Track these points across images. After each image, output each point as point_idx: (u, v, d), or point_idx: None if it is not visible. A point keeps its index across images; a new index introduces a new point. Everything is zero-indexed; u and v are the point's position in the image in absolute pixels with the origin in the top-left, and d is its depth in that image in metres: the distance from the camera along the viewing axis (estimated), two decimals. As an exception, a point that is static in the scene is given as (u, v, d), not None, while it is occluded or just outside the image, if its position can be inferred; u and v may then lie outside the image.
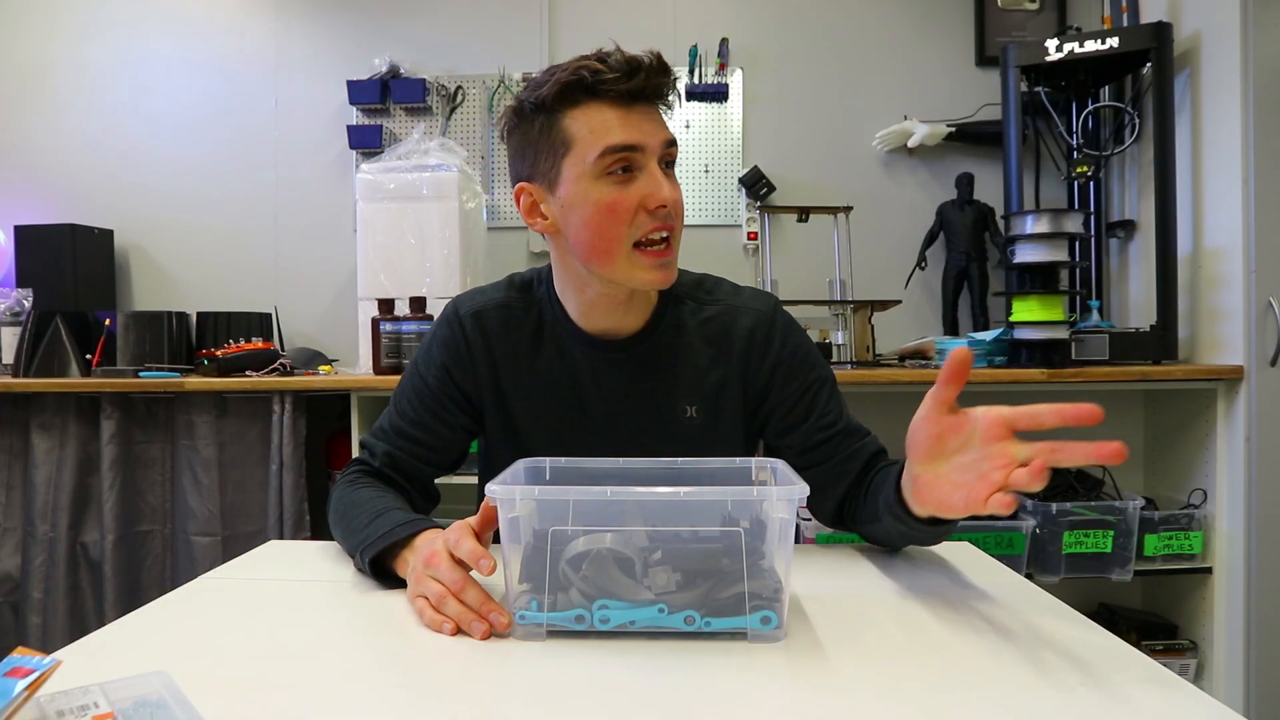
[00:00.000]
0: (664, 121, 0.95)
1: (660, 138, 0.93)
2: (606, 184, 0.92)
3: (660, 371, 1.04)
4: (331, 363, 2.36)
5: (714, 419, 1.05)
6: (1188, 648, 2.15)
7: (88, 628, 1.82)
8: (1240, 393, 1.99)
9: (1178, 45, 2.14)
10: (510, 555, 0.74)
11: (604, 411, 1.05)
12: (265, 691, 0.64)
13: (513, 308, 1.06)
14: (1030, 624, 0.78)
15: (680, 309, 1.06)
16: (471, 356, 1.05)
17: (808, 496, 0.71)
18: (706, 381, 1.04)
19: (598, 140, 0.91)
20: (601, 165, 0.91)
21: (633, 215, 0.92)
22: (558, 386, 1.05)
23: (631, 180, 0.92)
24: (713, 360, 1.05)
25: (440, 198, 2.23)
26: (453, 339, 1.06)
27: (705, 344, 1.05)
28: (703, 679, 0.66)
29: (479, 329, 1.05)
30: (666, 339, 1.04)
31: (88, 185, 2.70)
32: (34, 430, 2.18)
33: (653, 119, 0.93)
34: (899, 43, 2.59)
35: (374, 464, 1.06)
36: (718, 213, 2.59)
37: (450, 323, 1.06)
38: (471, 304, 1.06)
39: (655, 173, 0.92)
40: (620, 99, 0.91)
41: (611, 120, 0.91)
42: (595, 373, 1.04)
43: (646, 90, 0.91)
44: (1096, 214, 2.38)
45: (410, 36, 2.64)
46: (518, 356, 1.05)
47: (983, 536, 2.00)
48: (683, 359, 1.04)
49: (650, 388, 1.04)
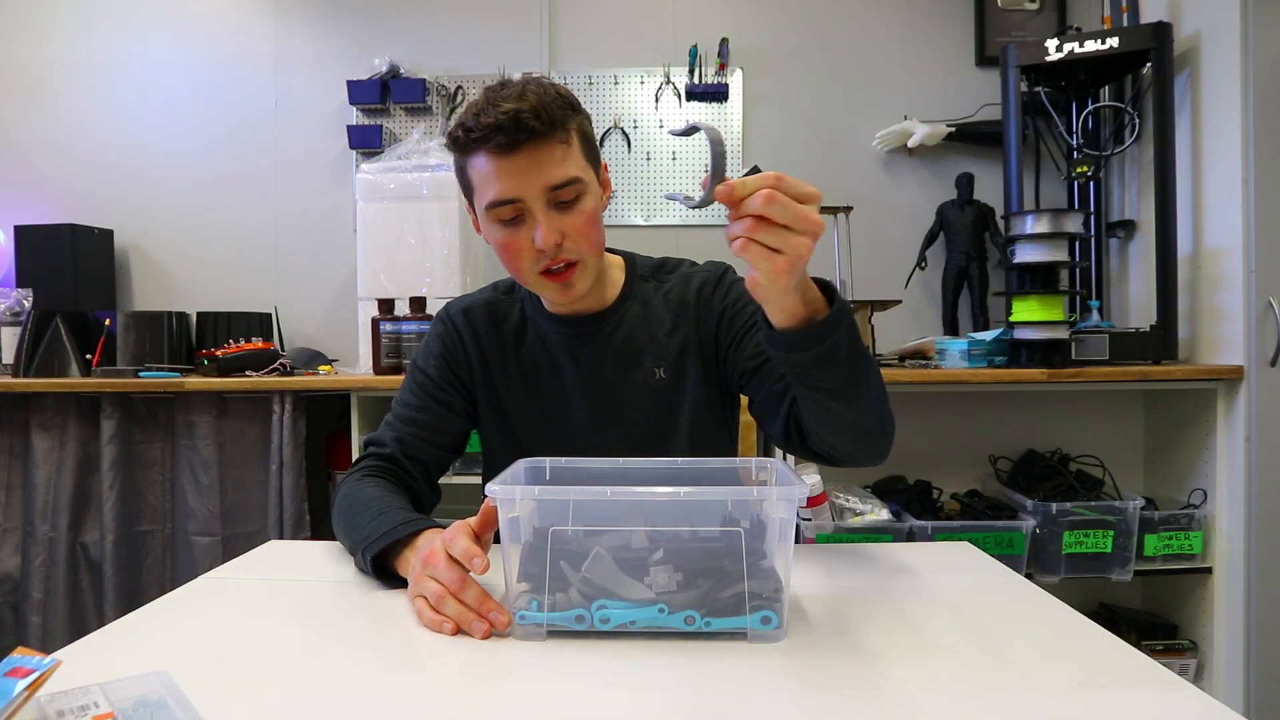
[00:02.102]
0: (554, 159, 0.97)
1: (541, 184, 0.97)
2: (500, 229, 1.01)
3: (629, 341, 1.13)
4: (331, 363, 2.36)
5: (680, 377, 1.13)
6: (1188, 648, 2.15)
7: (88, 628, 1.82)
8: (1240, 393, 1.99)
9: (1178, 45, 2.14)
10: (510, 555, 0.74)
11: (581, 383, 1.13)
12: (265, 691, 0.64)
13: (497, 305, 1.18)
14: (1030, 624, 0.78)
15: (644, 287, 1.17)
16: (464, 347, 1.15)
17: (805, 490, 0.71)
18: (670, 345, 1.13)
19: (483, 193, 1.00)
20: (491, 215, 1.00)
21: (526, 253, 1.01)
22: (540, 369, 1.14)
23: (521, 224, 0.99)
24: (673, 325, 1.14)
25: (440, 198, 2.23)
26: (447, 334, 1.16)
27: (667, 312, 1.14)
28: (703, 679, 0.66)
29: (468, 323, 1.16)
30: (633, 313, 1.14)
31: (88, 185, 2.69)
32: (34, 430, 2.18)
33: (535, 164, 0.96)
34: (899, 43, 2.59)
35: (384, 450, 1.10)
36: (718, 212, 2.58)
37: (444, 321, 1.18)
38: (458, 305, 1.19)
39: (539, 217, 0.98)
40: (500, 150, 0.96)
41: (492, 174, 0.97)
42: (572, 350, 1.13)
43: (516, 143, 0.95)
44: (1096, 214, 2.38)
45: (410, 36, 2.64)
46: (504, 346, 1.15)
47: (983, 536, 2.00)
48: (647, 328, 1.14)
49: (622, 357, 1.13)
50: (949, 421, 2.40)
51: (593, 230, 1.03)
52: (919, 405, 2.37)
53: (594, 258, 1.05)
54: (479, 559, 0.76)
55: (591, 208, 1.02)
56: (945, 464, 2.35)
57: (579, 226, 1.01)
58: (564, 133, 0.98)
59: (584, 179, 1.01)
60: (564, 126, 0.98)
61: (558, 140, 0.98)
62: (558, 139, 0.98)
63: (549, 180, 0.97)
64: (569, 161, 0.99)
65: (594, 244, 1.03)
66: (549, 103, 0.96)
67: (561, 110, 0.98)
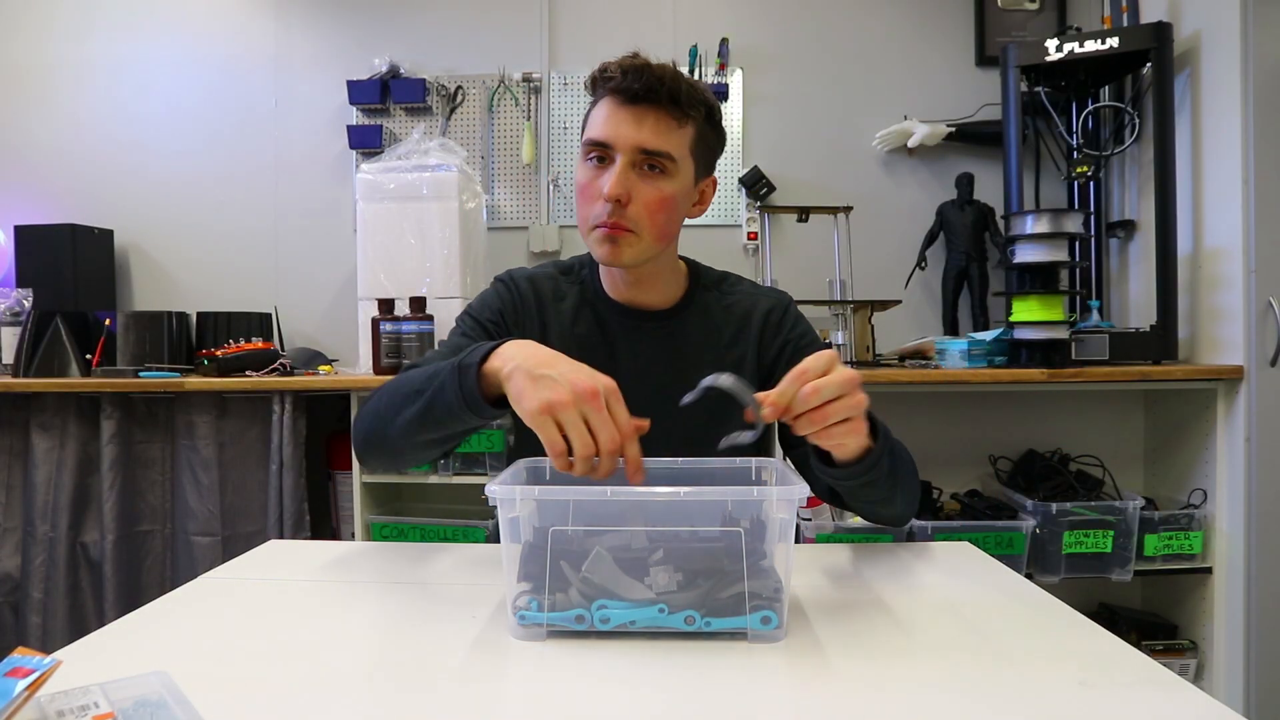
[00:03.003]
0: (660, 129, 1.00)
1: (634, 141, 0.99)
2: (585, 168, 1.04)
3: (685, 344, 1.14)
4: (331, 363, 2.36)
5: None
6: (1188, 648, 2.15)
7: (88, 628, 1.82)
8: (1240, 393, 1.98)
9: (1178, 45, 2.14)
10: (510, 555, 0.74)
11: (635, 374, 1.07)
12: (265, 691, 0.64)
13: (559, 281, 1.17)
14: (1030, 624, 0.78)
15: (706, 295, 1.17)
16: (525, 310, 1.14)
17: (805, 490, 0.72)
18: (728, 357, 1.14)
19: (589, 130, 1.04)
20: (584, 151, 1.04)
21: (594, 199, 1.02)
22: (596, 351, 1.12)
23: (602, 171, 1.02)
24: (733, 338, 1.15)
25: (440, 198, 2.23)
26: (509, 294, 1.15)
27: (728, 324, 1.15)
28: (703, 679, 0.66)
29: (533, 289, 1.15)
30: (694, 318, 1.15)
31: (88, 185, 2.69)
32: (34, 430, 2.18)
33: (641, 123, 0.99)
34: (899, 43, 2.59)
35: None
36: (718, 213, 2.59)
37: (507, 284, 1.16)
38: (524, 273, 1.17)
39: (616, 169, 1.00)
40: (620, 98, 1.00)
41: (602, 116, 1.02)
42: (629, 340, 1.13)
43: (634, 93, 0.98)
44: (1096, 214, 2.38)
45: (410, 36, 2.64)
46: (562, 322, 1.14)
47: (983, 536, 2.00)
48: (706, 336, 1.14)
49: (678, 358, 1.13)
50: (949, 421, 2.39)
51: (662, 213, 1.03)
52: (919, 405, 2.36)
53: (653, 239, 1.04)
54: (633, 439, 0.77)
55: (672, 193, 1.03)
56: (945, 464, 2.35)
57: (650, 200, 1.01)
58: (682, 114, 1.01)
59: (678, 162, 1.02)
60: (686, 111, 1.01)
61: (674, 116, 1.00)
62: (674, 115, 1.00)
63: (644, 142, 0.99)
64: (673, 139, 1.01)
65: (658, 226, 1.03)
66: (684, 84, 1.00)
67: (691, 96, 1.01)
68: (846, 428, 0.79)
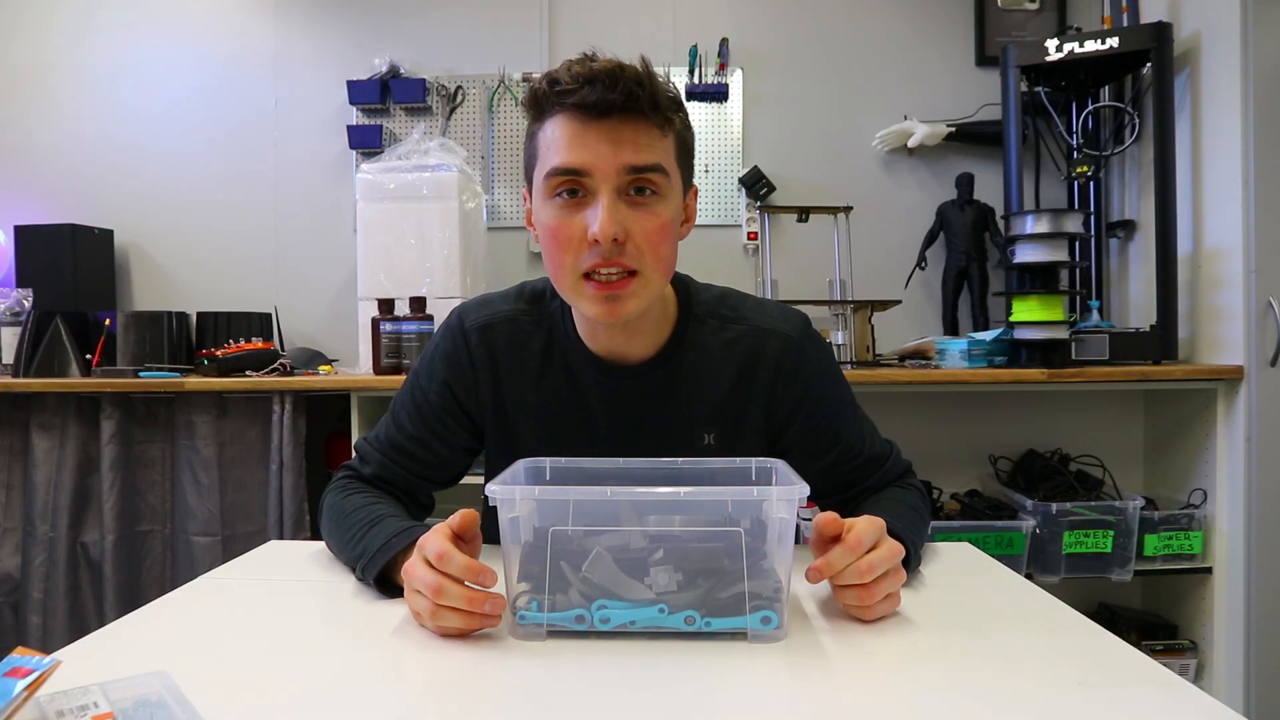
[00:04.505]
0: (643, 142, 0.83)
1: (618, 162, 0.82)
2: (553, 207, 0.85)
3: (678, 397, 0.97)
4: (331, 363, 2.36)
5: (732, 446, 0.98)
6: (1188, 648, 2.15)
7: (88, 628, 1.82)
8: (1240, 393, 1.98)
9: (1178, 45, 2.14)
10: (510, 555, 0.74)
11: (615, 439, 0.97)
12: (265, 691, 0.64)
13: (521, 322, 0.99)
14: (1030, 624, 0.78)
15: (701, 329, 0.97)
16: (475, 374, 0.99)
17: (805, 490, 0.72)
18: (727, 407, 0.97)
19: (548, 158, 0.84)
20: (549, 186, 0.85)
21: (576, 244, 0.85)
22: (565, 411, 0.98)
23: (580, 206, 0.84)
24: (735, 385, 0.97)
25: (440, 198, 2.23)
26: (455, 353, 0.99)
27: (728, 367, 0.96)
28: (703, 679, 0.66)
29: (484, 345, 0.98)
30: (687, 362, 0.96)
31: (88, 185, 2.69)
32: (34, 430, 2.18)
33: (618, 138, 0.82)
34: (899, 43, 2.59)
35: (365, 472, 1.03)
36: (718, 213, 2.59)
37: (454, 335, 1.00)
38: (477, 317, 1.00)
39: (604, 201, 0.82)
40: (581, 113, 0.82)
41: (564, 138, 0.83)
42: (606, 398, 0.97)
43: (609, 104, 0.80)
44: (1096, 214, 2.38)
45: (410, 36, 2.64)
46: (524, 376, 0.98)
47: (983, 536, 2.00)
48: (703, 384, 0.97)
49: (666, 414, 0.97)
50: (949, 421, 2.40)
51: (665, 243, 0.86)
52: (919, 405, 2.36)
53: (658, 277, 0.88)
54: (486, 574, 0.71)
55: (670, 217, 0.87)
56: (945, 464, 2.35)
57: (650, 230, 0.84)
58: (665, 120, 0.84)
59: (670, 176, 0.86)
60: (668, 115, 0.84)
61: (656, 124, 0.83)
62: (657, 122, 0.83)
63: (631, 159, 0.82)
64: (658, 149, 0.84)
65: (663, 260, 0.87)
66: (658, 83, 0.83)
67: (669, 97, 0.84)
68: (888, 603, 0.77)
